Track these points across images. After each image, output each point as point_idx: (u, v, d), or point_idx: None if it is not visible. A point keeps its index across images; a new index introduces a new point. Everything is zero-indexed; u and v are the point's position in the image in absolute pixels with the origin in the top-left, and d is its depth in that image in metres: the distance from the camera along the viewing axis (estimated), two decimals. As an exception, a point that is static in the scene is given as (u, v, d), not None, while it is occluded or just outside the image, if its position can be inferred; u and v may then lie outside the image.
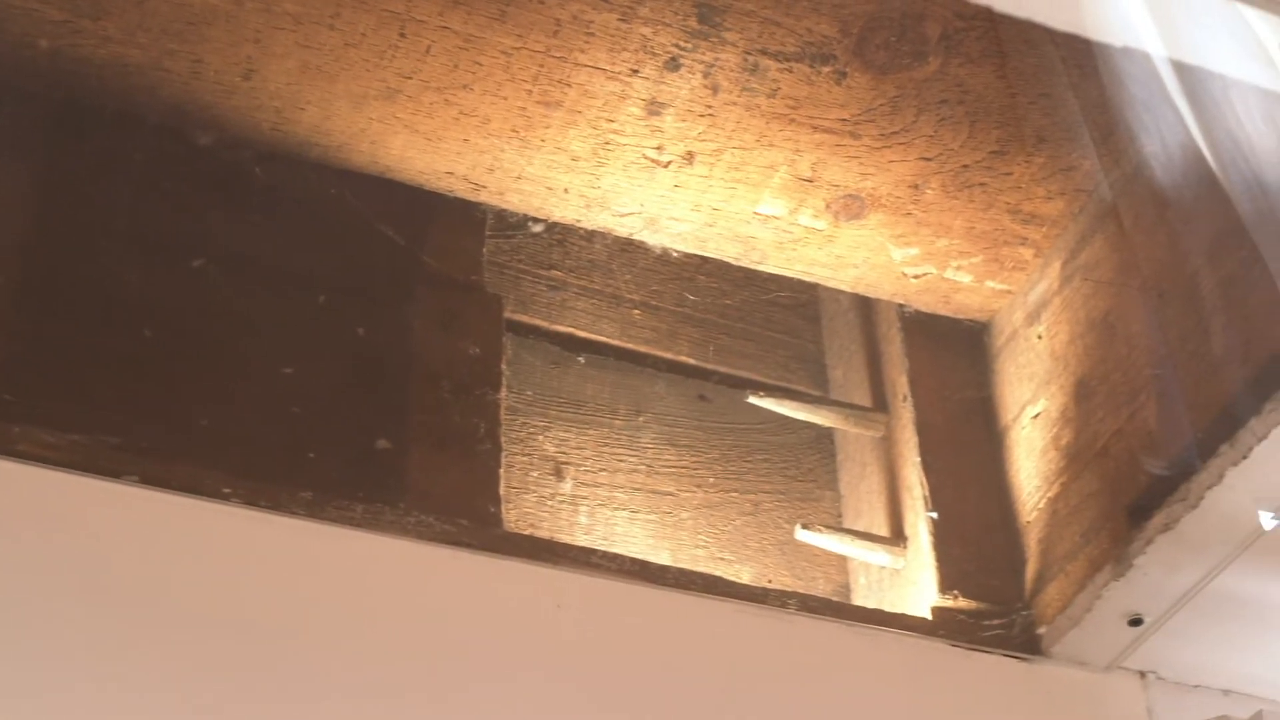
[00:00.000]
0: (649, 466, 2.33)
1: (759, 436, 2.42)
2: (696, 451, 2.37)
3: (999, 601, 2.13)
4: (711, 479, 2.36)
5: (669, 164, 2.14)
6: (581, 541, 2.17)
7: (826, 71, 2.05)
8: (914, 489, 2.23)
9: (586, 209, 2.22)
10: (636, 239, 2.28)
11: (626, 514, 2.27)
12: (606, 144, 2.12)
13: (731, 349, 2.48)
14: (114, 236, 2.05)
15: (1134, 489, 2.00)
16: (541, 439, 2.28)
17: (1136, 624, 2.02)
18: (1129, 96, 2.03)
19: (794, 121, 2.10)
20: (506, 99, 2.06)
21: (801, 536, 2.26)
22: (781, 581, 2.28)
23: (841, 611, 2.08)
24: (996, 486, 2.24)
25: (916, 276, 2.29)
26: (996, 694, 2.03)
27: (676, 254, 2.33)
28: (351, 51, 2.00)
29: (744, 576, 2.25)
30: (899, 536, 2.25)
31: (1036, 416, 2.21)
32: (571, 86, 2.05)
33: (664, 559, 2.20)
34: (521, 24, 1.99)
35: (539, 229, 2.38)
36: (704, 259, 2.34)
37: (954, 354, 2.35)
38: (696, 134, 2.11)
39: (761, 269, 2.31)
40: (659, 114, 2.09)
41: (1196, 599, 1.98)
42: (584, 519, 2.24)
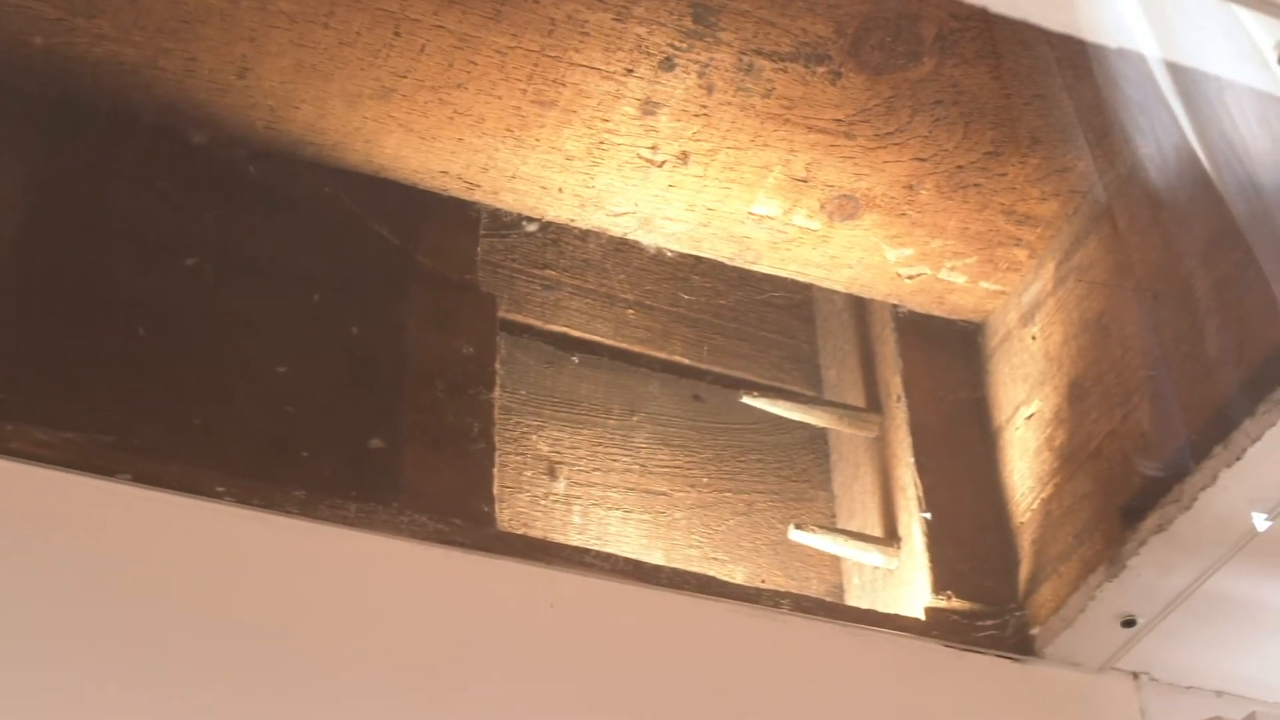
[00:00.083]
0: (643, 466, 2.32)
1: (753, 436, 2.42)
2: (690, 451, 2.37)
3: (992, 602, 2.13)
4: (705, 479, 2.35)
5: (663, 164, 2.14)
6: (575, 541, 2.17)
7: (821, 72, 2.05)
8: (907, 489, 2.23)
9: (581, 208, 2.22)
10: (631, 239, 2.27)
11: (620, 514, 2.27)
12: (601, 143, 2.12)
13: (725, 349, 2.48)
14: (107, 235, 2.05)
15: (1127, 490, 2.00)
16: (535, 438, 2.28)
17: (1130, 625, 2.02)
18: (1124, 98, 2.03)
19: (789, 122, 2.10)
20: (501, 98, 2.06)
21: (795, 537, 2.26)
22: (775, 582, 2.28)
23: (835, 612, 2.08)
24: (990, 487, 2.24)
25: (911, 277, 2.29)
26: (990, 695, 2.03)
27: (671, 254, 2.33)
28: (346, 50, 2.00)
29: (737, 577, 2.25)
30: (892, 537, 2.25)
31: (1030, 417, 2.21)
32: (566, 86, 2.05)
33: (657, 559, 2.20)
34: (516, 23, 1.98)
35: (533, 228, 2.38)
36: (698, 259, 2.34)
37: (948, 355, 2.35)
38: (691, 134, 2.11)
39: (756, 269, 2.31)
40: (654, 114, 2.09)
41: (1190, 600, 1.99)
42: (577, 519, 2.23)
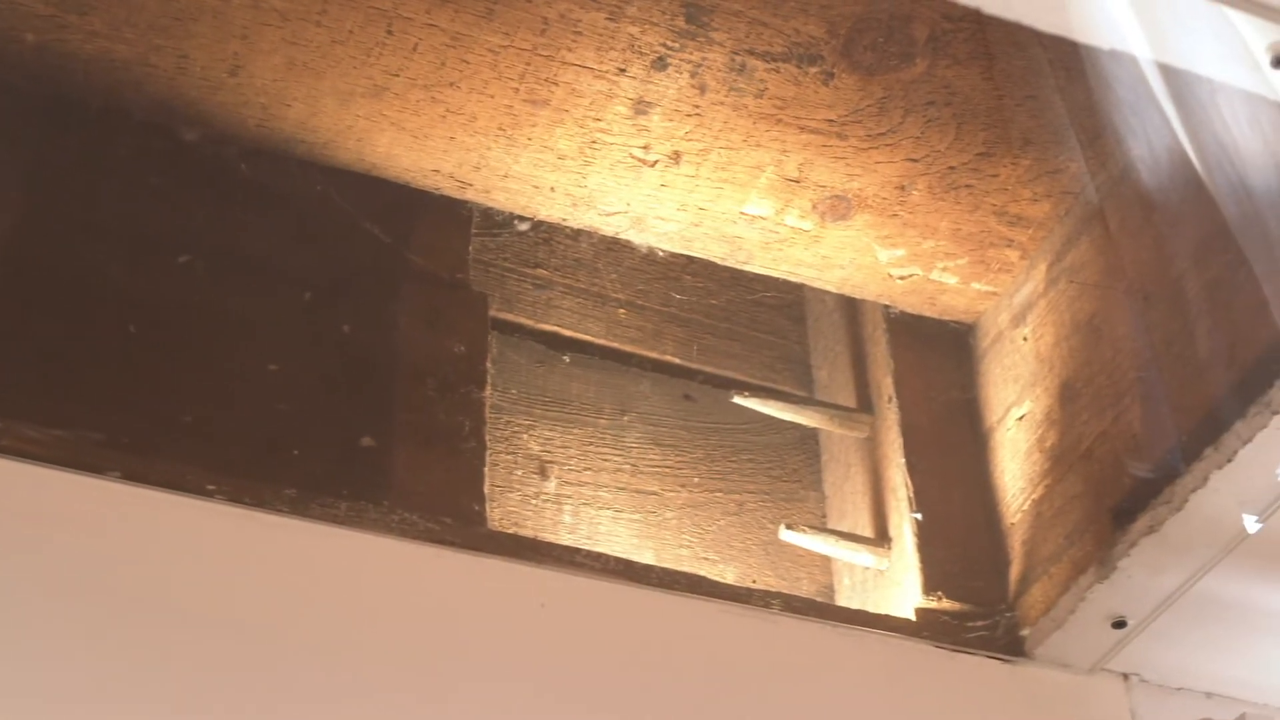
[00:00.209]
0: (633, 466, 2.32)
1: (744, 436, 2.42)
2: (681, 451, 2.37)
3: (983, 603, 2.13)
4: (696, 479, 2.35)
5: (655, 163, 2.14)
6: (566, 541, 2.17)
7: (814, 72, 2.05)
8: (898, 490, 2.23)
9: (573, 208, 2.21)
10: (622, 238, 2.27)
11: (611, 513, 2.27)
12: (593, 143, 2.12)
13: (717, 349, 2.48)
14: (99, 232, 2.05)
15: (1118, 491, 2.00)
16: (526, 438, 2.28)
17: (1120, 626, 2.02)
18: (1116, 99, 2.03)
19: (781, 122, 2.10)
20: (493, 97, 2.06)
21: (786, 537, 2.26)
22: (765, 582, 2.28)
23: (825, 612, 2.08)
24: (981, 488, 2.24)
25: (902, 278, 2.29)
26: (980, 695, 2.03)
27: (662, 253, 2.33)
28: (338, 48, 2.00)
29: (728, 576, 2.25)
30: (883, 537, 2.25)
31: (1021, 418, 2.21)
32: (558, 85, 2.05)
33: (648, 559, 2.20)
34: (509, 22, 1.98)
35: (525, 227, 2.38)
36: (690, 259, 2.34)
37: (939, 355, 2.35)
38: (683, 134, 2.11)
39: (747, 269, 2.31)
40: (646, 113, 2.09)
41: (1180, 602, 1.99)
42: (568, 518, 2.23)
